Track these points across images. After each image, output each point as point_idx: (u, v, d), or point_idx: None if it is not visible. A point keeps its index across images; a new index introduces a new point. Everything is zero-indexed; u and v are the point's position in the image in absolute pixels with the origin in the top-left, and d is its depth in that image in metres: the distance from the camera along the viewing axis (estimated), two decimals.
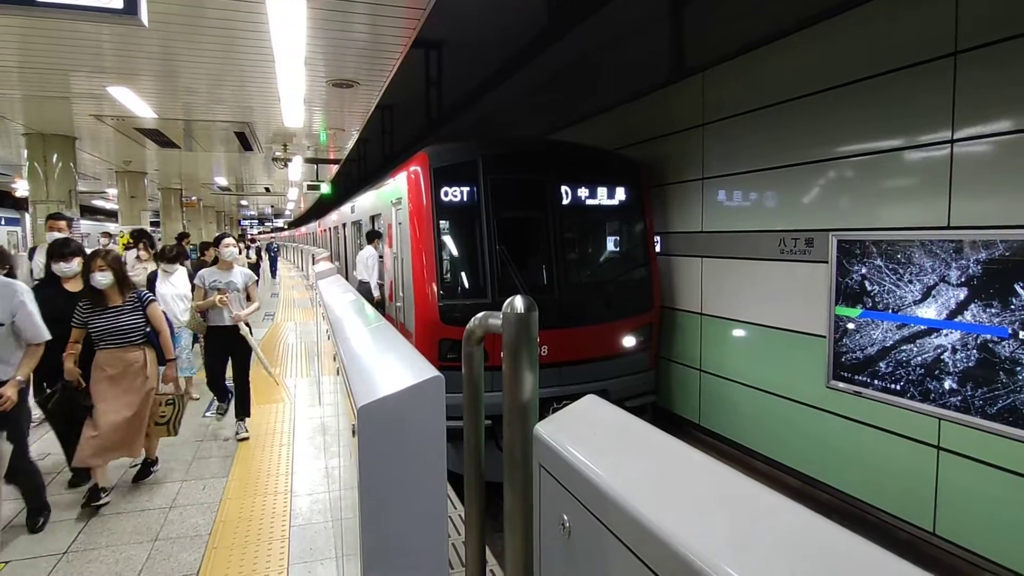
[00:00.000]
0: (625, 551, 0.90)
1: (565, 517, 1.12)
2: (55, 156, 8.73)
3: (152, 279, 6.23)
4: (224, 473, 4.54)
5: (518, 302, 1.33)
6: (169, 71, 5.81)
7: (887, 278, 4.34)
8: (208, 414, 6.14)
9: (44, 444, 4.93)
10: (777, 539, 0.78)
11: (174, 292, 6.09)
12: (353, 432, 1.58)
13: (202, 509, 3.96)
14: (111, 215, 25.65)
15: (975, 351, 3.81)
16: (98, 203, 24.69)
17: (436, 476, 1.53)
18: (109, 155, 11.05)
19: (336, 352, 2.40)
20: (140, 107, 7.06)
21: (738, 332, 5.95)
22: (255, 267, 17.48)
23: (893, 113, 4.36)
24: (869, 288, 4.47)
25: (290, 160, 11.08)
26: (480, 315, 1.50)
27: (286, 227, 53.21)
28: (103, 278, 3.84)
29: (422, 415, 1.49)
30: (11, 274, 4.30)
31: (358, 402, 1.49)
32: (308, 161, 11.77)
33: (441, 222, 5.86)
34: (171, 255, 6.24)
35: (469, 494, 1.67)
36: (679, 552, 0.78)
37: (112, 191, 16.31)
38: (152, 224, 16.32)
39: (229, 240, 5.61)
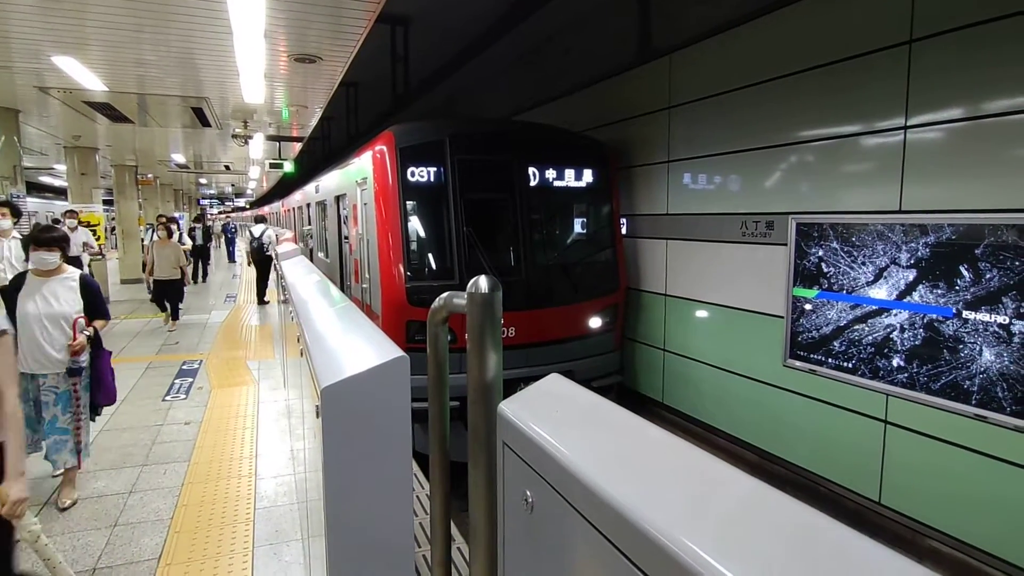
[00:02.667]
0: (585, 524, 0.93)
1: (528, 493, 1.15)
2: None
3: None
4: (186, 457, 4.47)
5: (482, 282, 1.34)
6: (119, 41, 5.54)
7: (842, 260, 4.49)
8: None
9: None
10: (731, 508, 0.81)
11: None
12: (317, 413, 1.57)
13: (163, 494, 3.89)
14: (60, 192, 24.51)
15: (921, 330, 3.99)
16: (45, 179, 23.55)
17: (401, 456, 1.54)
18: (57, 129, 10.53)
19: (300, 333, 2.37)
20: (89, 79, 6.73)
21: (701, 313, 6.09)
22: (202, 252, 15.97)
23: (851, 99, 4.47)
24: (825, 270, 4.62)
25: (250, 137, 10.74)
26: (445, 295, 1.50)
27: (248, 207, 51.75)
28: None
29: (387, 395, 1.49)
30: None
31: (322, 383, 1.49)
32: (270, 139, 11.43)
33: (407, 203, 5.79)
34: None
35: (434, 472, 1.68)
36: (636, 523, 0.80)
37: (60, 167, 15.58)
38: (106, 203, 15.64)
39: None
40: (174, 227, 10.66)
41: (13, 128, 8.52)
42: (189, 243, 11.27)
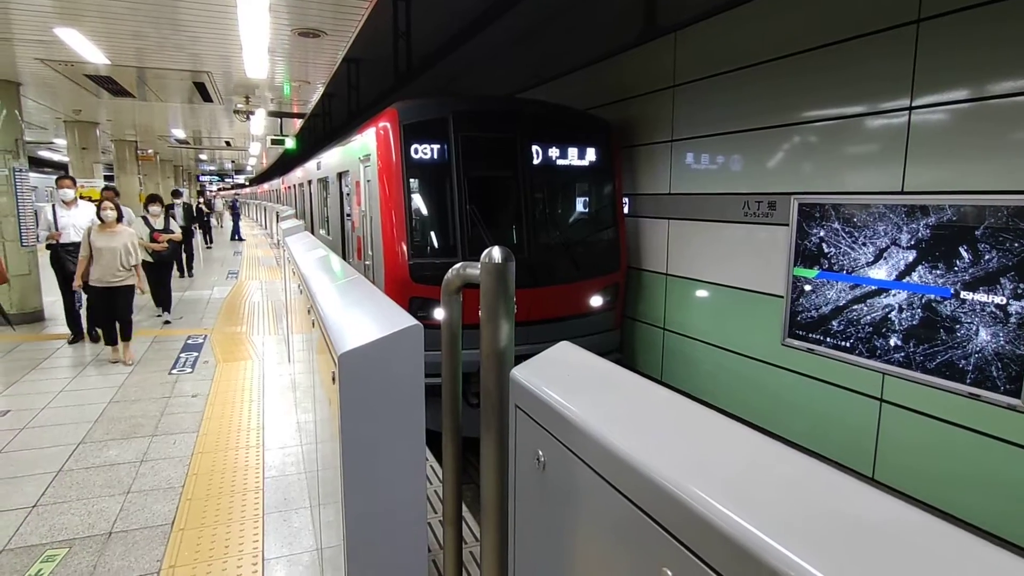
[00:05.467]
0: (598, 479, 0.99)
1: (540, 452, 1.21)
2: None
3: None
4: (194, 428, 4.55)
5: (496, 253, 1.38)
6: (122, 13, 5.50)
7: (843, 241, 4.53)
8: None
9: None
10: (736, 459, 0.87)
11: None
12: (333, 379, 1.63)
13: (174, 463, 3.98)
14: (60, 167, 24.37)
15: (919, 310, 4.05)
16: (45, 154, 23.41)
17: (415, 419, 1.60)
18: (56, 103, 10.46)
19: (311, 305, 2.42)
20: (90, 51, 6.68)
21: (701, 292, 6.14)
22: (185, 236, 11.38)
23: (857, 79, 4.47)
24: (826, 250, 4.66)
25: (252, 113, 10.68)
26: (458, 265, 1.55)
27: (247, 183, 51.45)
28: None
29: (401, 361, 1.55)
30: None
31: (338, 350, 1.54)
32: (271, 115, 11.36)
33: (411, 180, 5.80)
34: None
35: (446, 435, 1.74)
36: (646, 475, 0.86)
37: (60, 141, 15.50)
38: (107, 178, 15.58)
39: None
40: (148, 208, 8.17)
41: (14, 101, 8.46)
42: (177, 231, 8.41)
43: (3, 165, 8.08)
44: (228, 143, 18.08)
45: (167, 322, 8.13)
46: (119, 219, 6.47)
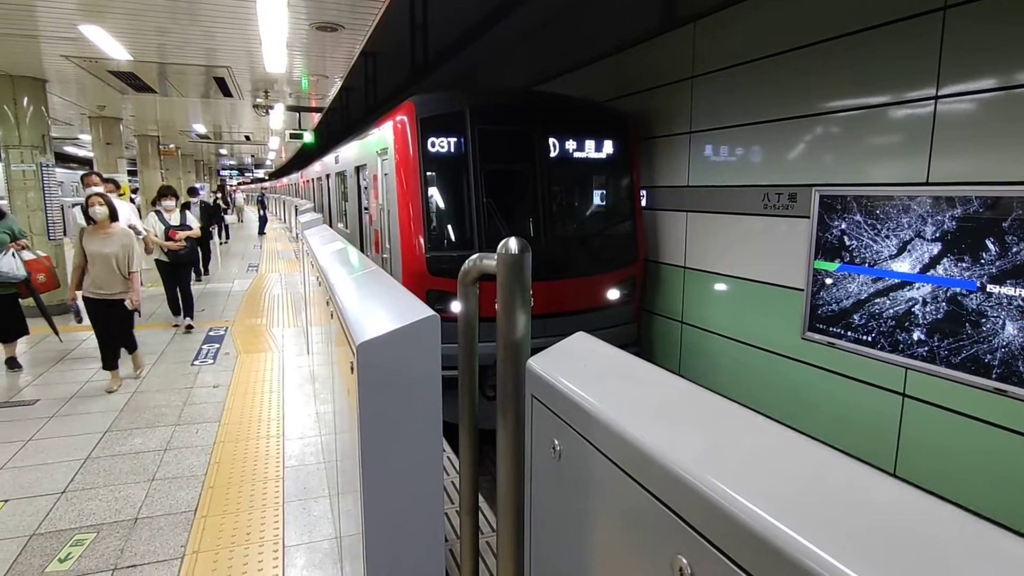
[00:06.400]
0: (613, 468, 0.99)
1: (556, 442, 1.21)
2: (25, 99, 8.41)
3: None
4: (216, 418, 4.64)
5: (512, 243, 1.38)
6: (145, 9, 5.58)
7: (865, 233, 4.45)
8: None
9: None
10: (753, 449, 0.87)
11: None
12: (352, 369, 1.65)
13: (196, 452, 4.06)
14: (85, 163, 24.86)
15: (944, 304, 3.97)
16: (70, 150, 23.88)
17: (432, 408, 1.61)
18: (81, 99, 10.66)
19: (330, 297, 2.45)
20: (114, 48, 6.79)
21: (719, 286, 6.09)
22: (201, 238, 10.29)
23: (881, 68, 4.38)
24: (848, 243, 4.59)
25: (271, 108, 10.79)
26: (475, 256, 1.55)
27: (267, 178, 51.99)
28: None
29: (419, 352, 1.56)
30: None
31: (357, 340, 1.56)
32: (290, 109, 11.47)
33: (428, 173, 5.82)
34: None
35: (463, 425, 1.75)
36: (663, 464, 0.86)
37: (85, 137, 15.79)
38: (130, 172, 15.86)
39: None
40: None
41: (41, 98, 8.65)
42: (195, 227, 7.74)
43: (31, 160, 8.27)
44: (247, 138, 18.30)
45: (189, 327, 7.36)
46: (113, 217, 5.30)
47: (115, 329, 5.36)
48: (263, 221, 22.84)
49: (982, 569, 0.59)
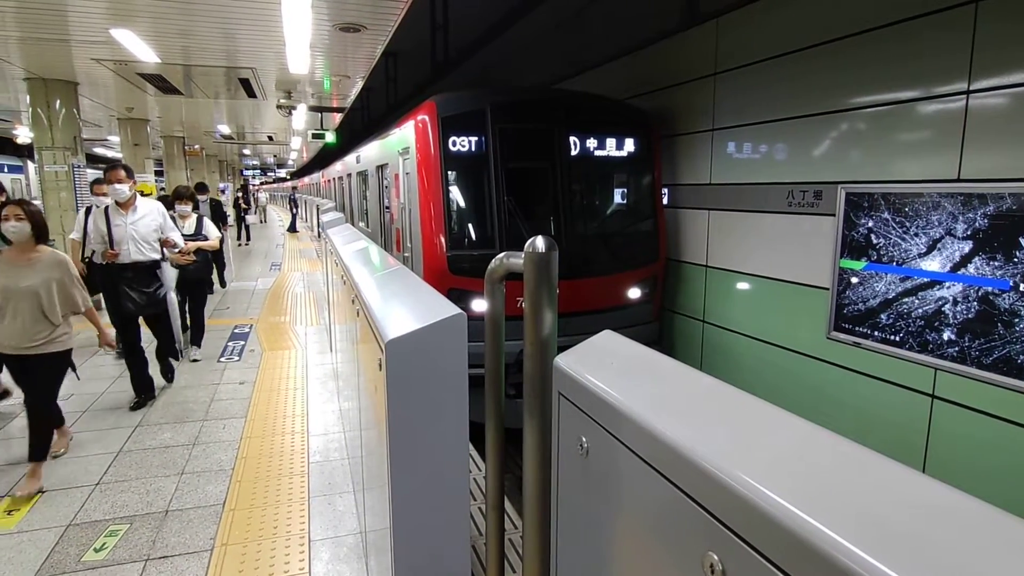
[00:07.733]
0: (641, 464, 1.00)
1: (583, 439, 1.22)
2: (57, 102, 8.65)
3: None
4: (242, 414, 4.73)
5: (539, 242, 1.39)
6: (173, 13, 5.71)
7: (893, 231, 4.37)
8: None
9: None
10: (780, 444, 0.87)
11: None
12: (380, 366, 1.68)
13: (224, 447, 4.15)
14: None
15: (975, 303, 3.88)
16: (99, 151, 24.46)
17: (459, 405, 1.63)
18: (110, 101, 10.92)
19: (355, 295, 2.49)
20: (143, 50, 6.95)
21: (742, 284, 6.02)
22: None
23: (909, 63, 4.29)
24: (875, 241, 4.51)
25: (294, 108, 10.94)
26: (502, 255, 1.57)
27: (288, 177, 52.64)
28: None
29: (446, 349, 1.58)
30: None
31: (385, 337, 1.58)
32: (312, 109, 11.61)
33: (449, 172, 5.85)
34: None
35: (489, 422, 1.77)
36: (690, 459, 0.87)
37: (114, 138, 16.17)
38: (156, 173, 16.21)
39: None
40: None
41: (72, 100, 8.89)
42: (214, 237, 6.40)
43: (63, 161, 8.50)
44: (270, 138, 18.56)
45: (195, 360, 6.13)
46: (38, 239, 3.61)
47: (32, 391, 3.60)
48: (294, 218, 23.59)
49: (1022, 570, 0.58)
